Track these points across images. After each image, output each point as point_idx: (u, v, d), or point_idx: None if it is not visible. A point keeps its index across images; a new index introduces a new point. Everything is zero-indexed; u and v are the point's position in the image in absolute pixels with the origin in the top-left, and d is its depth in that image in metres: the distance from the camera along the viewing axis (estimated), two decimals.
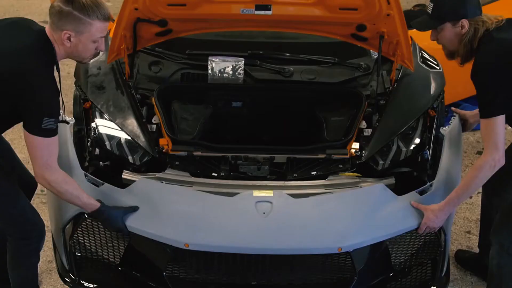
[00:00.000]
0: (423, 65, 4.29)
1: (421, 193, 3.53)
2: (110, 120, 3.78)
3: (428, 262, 3.61)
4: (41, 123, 3.01)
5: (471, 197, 5.08)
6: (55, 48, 3.10)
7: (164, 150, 3.69)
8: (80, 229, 3.48)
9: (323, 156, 3.70)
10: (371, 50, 4.44)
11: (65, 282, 3.62)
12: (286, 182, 3.61)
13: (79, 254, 3.57)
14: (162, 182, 3.54)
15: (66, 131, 3.67)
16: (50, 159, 3.10)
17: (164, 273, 3.43)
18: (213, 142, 3.80)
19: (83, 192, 3.24)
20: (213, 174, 3.62)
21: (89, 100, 3.89)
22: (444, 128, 3.82)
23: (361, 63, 4.40)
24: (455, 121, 3.90)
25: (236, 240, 3.30)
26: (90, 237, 3.52)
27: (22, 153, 4.60)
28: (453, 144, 3.75)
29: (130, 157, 3.66)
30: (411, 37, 4.21)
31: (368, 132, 3.84)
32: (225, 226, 3.33)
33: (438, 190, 3.53)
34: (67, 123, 3.58)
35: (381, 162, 3.68)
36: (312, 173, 3.66)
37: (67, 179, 3.21)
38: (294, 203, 3.42)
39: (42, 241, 3.59)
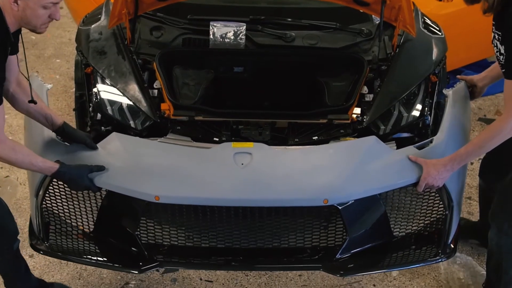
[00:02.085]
0: (425, 31, 4.28)
1: (420, 148, 3.41)
2: (111, 85, 3.78)
3: (433, 228, 3.51)
4: None
5: (472, 163, 5.10)
6: (5, 16, 2.85)
7: (165, 115, 3.70)
8: (48, 194, 3.42)
9: (324, 121, 3.70)
10: (373, 16, 4.42)
11: (36, 250, 3.50)
12: (287, 148, 3.57)
13: (50, 220, 3.51)
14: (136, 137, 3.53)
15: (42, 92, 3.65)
16: None
17: (137, 233, 3.38)
18: (215, 107, 3.80)
19: (36, 157, 3.10)
20: (215, 139, 3.62)
21: (91, 65, 3.90)
22: (447, 89, 3.78)
23: (363, 28, 4.37)
24: (461, 84, 3.80)
25: (210, 191, 3.18)
26: (60, 202, 3.46)
27: None
28: (458, 104, 3.65)
29: (131, 122, 3.67)
30: (413, 3, 4.20)
31: (369, 97, 3.84)
32: (199, 178, 3.22)
33: (438, 147, 3.39)
34: (34, 102, 3.23)
35: (382, 127, 3.68)
36: (314, 138, 3.66)
37: (16, 147, 3.04)
38: (276, 154, 3.35)
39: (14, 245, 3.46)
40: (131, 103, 3.71)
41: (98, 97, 3.76)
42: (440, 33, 4.29)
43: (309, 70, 4.19)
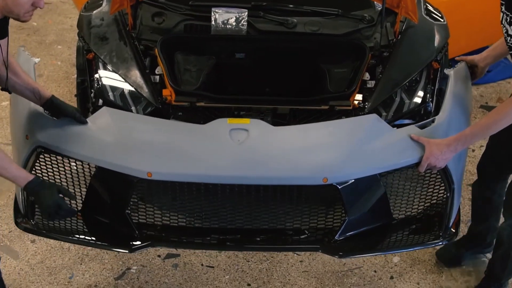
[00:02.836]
0: (427, 17, 4.26)
1: (422, 128, 3.33)
2: (113, 71, 3.78)
3: (434, 211, 3.44)
4: None
5: (473, 150, 5.10)
6: None
7: (167, 101, 3.69)
8: (35, 172, 3.27)
9: (326, 107, 3.69)
10: (375, 2, 4.40)
11: (20, 227, 3.41)
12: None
13: None
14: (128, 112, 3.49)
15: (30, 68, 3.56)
16: None
17: (127, 211, 3.29)
18: (216, 93, 3.80)
19: (11, 163, 2.96)
20: None
21: (92, 51, 3.89)
22: (448, 69, 3.74)
23: (365, 15, 4.35)
24: (461, 64, 3.72)
25: (204, 168, 3.10)
26: (47, 179, 3.31)
27: None
28: (460, 84, 3.60)
29: (133, 108, 3.66)
30: None
31: (371, 84, 3.83)
32: (193, 154, 3.15)
33: (440, 126, 3.32)
34: (8, 91, 3.11)
35: (384, 113, 3.67)
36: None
37: None
38: (274, 131, 3.27)
39: None
40: (132, 89, 3.70)
41: (100, 83, 3.75)
42: (442, 20, 4.28)
43: (311, 56, 4.19)
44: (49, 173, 3.34)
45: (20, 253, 4.06)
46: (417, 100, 3.73)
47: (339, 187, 3.17)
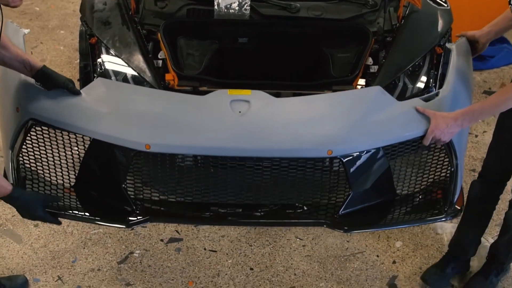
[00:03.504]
0: (431, 2, 4.25)
1: (426, 101, 3.22)
2: (116, 55, 3.77)
3: (438, 186, 3.34)
4: None
5: (476, 136, 5.10)
6: None
7: (170, 85, 3.69)
8: (25, 146, 3.15)
9: (329, 92, 3.69)
10: None
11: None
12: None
13: (26, 175, 3.23)
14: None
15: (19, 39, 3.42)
16: None
17: (124, 185, 3.17)
18: (219, 78, 3.79)
19: None
20: None
21: (95, 36, 3.88)
22: (449, 43, 3.69)
23: None
24: (462, 39, 3.61)
25: (205, 139, 3.00)
26: (39, 154, 3.20)
27: None
28: (462, 58, 3.47)
29: None
30: None
31: (374, 68, 3.83)
32: (193, 125, 3.04)
33: (444, 99, 3.21)
34: None
35: None
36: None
37: None
38: (277, 103, 3.18)
39: None
40: (135, 73, 3.69)
41: (103, 67, 3.75)
42: (445, 5, 4.26)
43: (313, 41, 4.18)
44: (40, 146, 3.19)
45: (23, 237, 4.08)
46: (420, 85, 3.73)
47: (344, 160, 3.07)
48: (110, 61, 3.77)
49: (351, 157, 3.09)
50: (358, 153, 3.11)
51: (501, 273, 3.82)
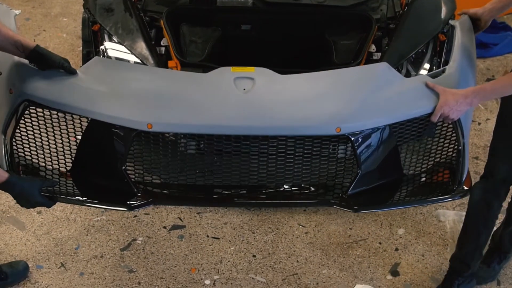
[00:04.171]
0: None
1: (433, 77, 3.13)
2: (119, 42, 3.76)
3: (446, 165, 3.25)
4: None
5: (479, 124, 5.09)
6: None
7: None
8: (19, 130, 3.02)
9: None
10: None
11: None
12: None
13: (20, 161, 3.11)
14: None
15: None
16: None
17: (124, 167, 3.04)
18: (222, 65, 3.78)
19: None
20: None
21: (98, 23, 3.87)
22: (452, 20, 3.66)
23: None
24: (465, 17, 3.54)
25: (210, 117, 2.89)
26: (33, 138, 3.07)
27: None
28: (466, 34, 3.40)
29: None
30: None
31: (377, 55, 3.82)
32: (196, 103, 2.94)
33: (451, 76, 3.11)
34: None
35: None
36: None
37: None
38: (282, 80, 3.08)
39: None
40: (138, 60, 3.68)
41: (106, 54, 3.74)
42: None
43: (317, 28, 4.17)
44: (35, 131, 3.06)
45: (26, 224, 4.08)
46: (423, 72, 3.71)
47: (352, 138, 2.97)
48: (113, 48, 3.76)
49: (359, 135, 2.99)
50: (366, 130, 3.00)
51: (503, 260, 3.82)
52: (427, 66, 3.75)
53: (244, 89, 2.99)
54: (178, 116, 2.90)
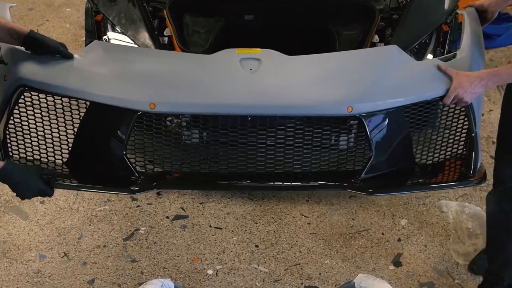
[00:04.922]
0: None
1: (444, 61, 3.08)
2: (122, 32, 3.77)
3: (460, 151, 3.23)
4: None
5: (483, 114, 5.09)
6: None
7: None
8: (13, 121, 2.94)
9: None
10: None
11: None
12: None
13: (13, 147, 3.03)
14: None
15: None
16: None
17: (125, 152, 2.95)
18: None
19: None
20: None
21: (101, 13, 3.87)
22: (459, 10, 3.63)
23: None
24: (470, 8, 3.50)
25: (216, 96, 2.81)
26: (28, 129, 3.00)
27: None
28: (474, 23, 3.37)
29: None
30: None
31: (380, 46, 3.82)
32: (201, 82, 2.86)
33: (462, 61, 3.08)
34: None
35: None
36: None
37: None
38: (289, 60, 3.02)
39: None
40: None
41: None
42: None
43: (320, 18, 4.17)
44: (29, 117, 2.98)
45: (29, 214, 4.09)
46: None
47: (364, 120, 2.93)
48: (116, 38, 3.77)
49: (371, 117, 2.94)
50: (378, 112, 2.95)
51: None
52: (430, 56, 3.74)
53: (251, 69, 2.94)
54: (183, 95, 2.83)
